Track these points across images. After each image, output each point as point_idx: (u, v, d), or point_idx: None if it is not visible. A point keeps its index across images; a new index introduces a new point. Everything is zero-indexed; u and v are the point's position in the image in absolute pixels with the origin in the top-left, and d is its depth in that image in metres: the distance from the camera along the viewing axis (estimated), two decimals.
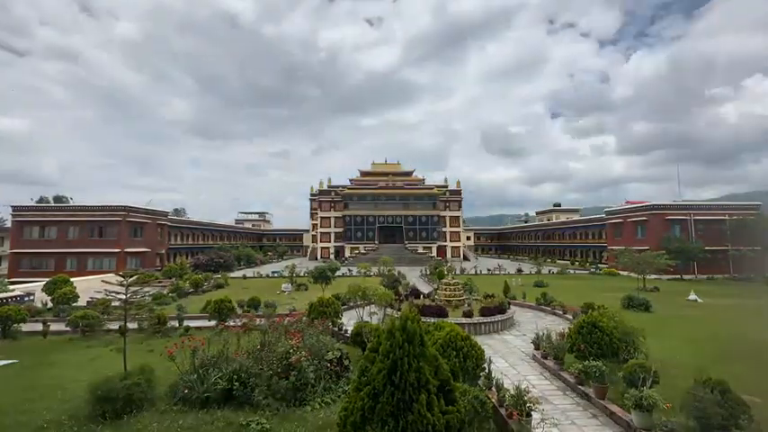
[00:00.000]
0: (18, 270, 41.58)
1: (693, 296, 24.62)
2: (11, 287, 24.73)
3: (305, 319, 13.32)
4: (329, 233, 71.92)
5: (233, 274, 44.33)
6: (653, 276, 32.96)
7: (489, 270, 47.23)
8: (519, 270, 46.19)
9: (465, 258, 70.88)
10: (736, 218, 41.78)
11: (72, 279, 25.53)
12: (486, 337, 15.32)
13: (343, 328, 15.43)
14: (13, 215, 43.74)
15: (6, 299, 21.22)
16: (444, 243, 71.29)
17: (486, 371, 9.34)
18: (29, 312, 19.01)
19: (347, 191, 70.84)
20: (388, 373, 5.41)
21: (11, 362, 12.62)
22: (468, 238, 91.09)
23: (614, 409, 8.12)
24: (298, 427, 7.64)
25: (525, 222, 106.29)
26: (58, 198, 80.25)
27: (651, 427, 7.05)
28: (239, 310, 18.94)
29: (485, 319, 16.24)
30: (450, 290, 19.17)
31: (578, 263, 57.40)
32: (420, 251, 66.03)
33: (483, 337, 15.10)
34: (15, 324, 16.42)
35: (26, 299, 23.49)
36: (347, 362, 10.19)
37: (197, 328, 16.59)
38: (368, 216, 69.12)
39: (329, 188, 74.58)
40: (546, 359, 11.68)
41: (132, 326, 14.21)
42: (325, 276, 27.95)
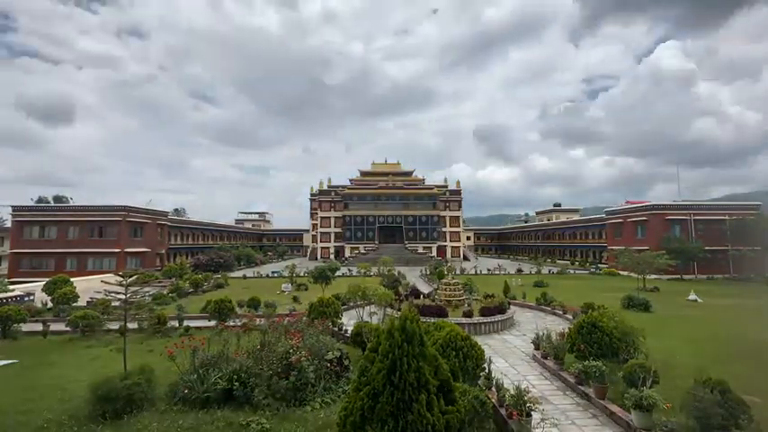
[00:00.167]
0: (18, 270, 41.59)
1: (693, 296, 24.62)
2: (11, 287, 24.73)
3: (305, 319, 13.33)
4: (329, 233, 71.93)
5: (233, 274, 44.36)
6: (653, 276, 32.96)
7: (489, 270, 47.24)
8: (519, 270, 46.20)
9: (465, 258, 70.88)
10: (736, 218, 41.80)
11: (72, 279, 25.54)
12: (486, 337, 15.33)
13: (343, 328, 15.43)
14: (12, 215, 43.75)
15: (6, 299, 21.23)
16: (444, 243, 71.29)
17: (486, 371, 9.34)
18: (29, 312, 19.02)
19: (347, 191, 70.86)
20: (387, 373, 5.42)
21: (11, 362, 12.62)
22: (468, 238, 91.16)
23: (614, 408, 8.12)
24: (298, 427, 7.64)
25: (525, 222, 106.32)
26: (57, 198, 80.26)
27: (651, 427, 7.05)
28: (239, 310, 18.94)
29: (485, 319, 16.24)
30: (450, 290, 19.17)
31: (578, 263, 57.40)
32: (420, 251, 66.03)
33: (483, 337, 15.10)
34: (15, 324, 16.43)
35: (26, 299, 23.49)
36: (347, 362, 10.19)
37: (197, 328, 16.59)
38: (368, 216, 69.14)
39: (329, 188, 74.61)
40: (546, 359, 11.68)
41: (132, 326, 14.19)
42: (325, 276, 27.95)
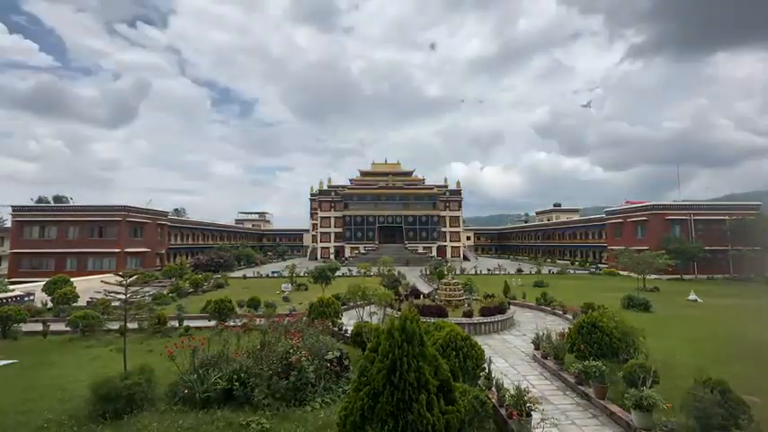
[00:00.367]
0: (18, 270, 41.60)
1: (693, 296, 24.61)
2: (11, 287, 24.74)
3: (305, 319, 13.33)
4: (329, 233, 71.92)
5: (233, 274, 44.37)
6: (653, 276, 32.95)
7: (489, 270, 47.24)
8: (519, 270, 46.20)
9: (465, 258, 70.87)
10: (736, 218, 41.80)
11: (72, 279, 25.55)
12: (486, 337, 15.33)
13: (343, 328, 15.43)
14: (12, 215, 43.76)
15: (6, 299, 21.23)
16: (444, 243, 71.28)
17: (486, 371, 9.34)
18: (29, 312, 19.02)
19: (347, 191, 70.87)
20: (387, 373, 5.42)
21: (11, 362, 12.62)
22: (468, 238, 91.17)
23: (614, 409, 8.12)
24: (298, 427, 7.63)
25: (525, 222, 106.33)
26: (57, 198, 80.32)
27: (651, 427, 7.05)
28: (239, 310, 18.94)
29: (485, 319, 16.24)
30: (450, 290, 19.18)
31: (578, 263, 57.40)
32: (420, 251, 66.03)
33: (483, 337, 15.10)
34: (15, 324, 16.42)
35: (26, 299, 23.50)
36: (347, 362, 10.19)
37: (197, 328, 16.60)
38: (368, 216, 69.15)
39: (329, 188, 74.62)
40: (546, 359, 11.68)
41: (132, 326, 14.19)
42: (325, 276, 27.95)
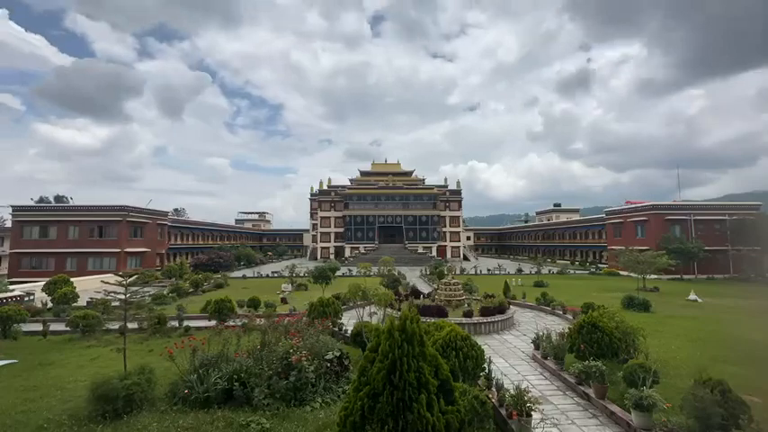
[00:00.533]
0: (18, 270, 41.57)
1: (693, 296, 24.61)
2: (11, 287, 24.75)
3: (305, 319, 13.32)
4: (329, 233, 71.92)
5: (233, 274, 44.36)
6: (653, 276, 32.94)
7: (489, 270, 47.24)
8: (519, 270, 46.19)
9: (465, 258, 70.88)
10: (736, 218, 41.81)
11: (72, 279, 25.55)
12: (486, 337, 15.32)
13: (343, 328, 15.44)
14: (13, 215, 43.72)
15: (6, 299, 21.24)
16: (444, 243, 71.28)
17: (486, 371, 9.34)
18: (29, 312, 19.02)
19: (347, 191, 70.87)
20: (387, 373, 5.41)
21: (11, 362, 12.62)
22: (469, 238, 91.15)
23: (614, 408, 8.12)
24: (298, 427, 7.64)
25: (525, 222, 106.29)
26: (58, 198, 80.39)
27: (651, 427, 7.06)
28: (239, 311, 18.94)
29: (485, 319, 16.24)
30: (450, 290, 19.17)
31: (578, 263, 57.39)
32: (420, 251, 66.02)
33: (483, 337, 15.10)
34: (15, 324, 16.41)
35: (26, 299, 23.50)
36: (347, 362, 10.18)
37: (197, 328, 16.59)
38: (368, 216, 69.15)
39: (329, 188, 74.62)
40: (546, 359, 11.68)
41: (132, 326, 14.16)
42: (325, 276, 27.95)
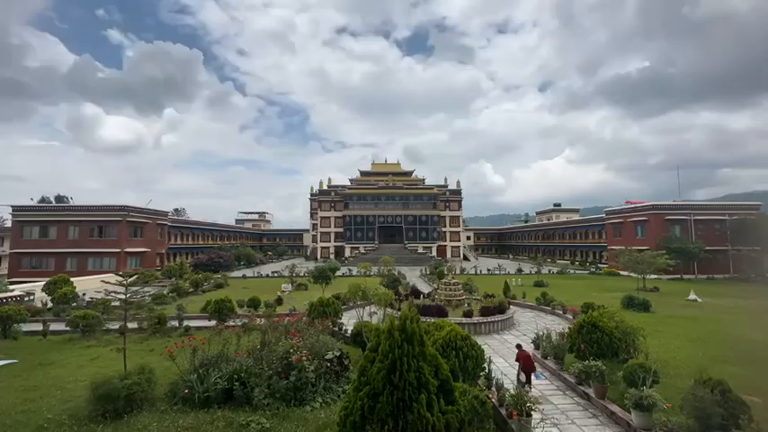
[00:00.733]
0: (18, 270, 41.55)
1: (693, 296, 24.60)
2: (11, 287, 24.74)
3: (305, 318, 13.32)
4: (329, 233, 71.89)
5: (233, 274, 44.36)
6: (653, 276, 32.92)
7: (489, 270, 47.23)
8: (519, 270, 46.17)
9: (465, 258, 70.84)
10: (736, 218, 41.79)
11: (72, 279, 25.54)
12: (486, 336, 15.33)
13: (343, 328, 15.44)
14: (13, 215, 43.72)
15: (6, 299, 21.23)
16: (444, 243, 71.25)
17: (486, 371, 9.34)
18: (29, 312, 19.01)
19: (347, 191, 70.87)
20: (387, 373, 5.41)
21: (11, 362, 12.62)
22: (468, 238, 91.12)
23: (614, 408, 8.12)
24: (298, 426, 7.63)
25: (525, 222, 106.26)
26: (59, 198, 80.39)
27: (651, 427, 7.06)
28: (239, 310, 18.93)
29: (485, 319, 16.24)
30: (450, 290, 19.17)
31: (578, 263, 57.37)
32: (420, 251, 66.00)
33: (483, 336, 15.10)
34: (15, 324, 16.41)
35: (26, 299, 23.49)
36: (347, 361, 10.18)
37: (197, 328, 16.59)
38: (368, 216, 69.14)
39: (329, 188, 74.59)
40: (546, 359, 11.68)
41: (132, 326, 14.16)
42: (325, 276, 27.94)
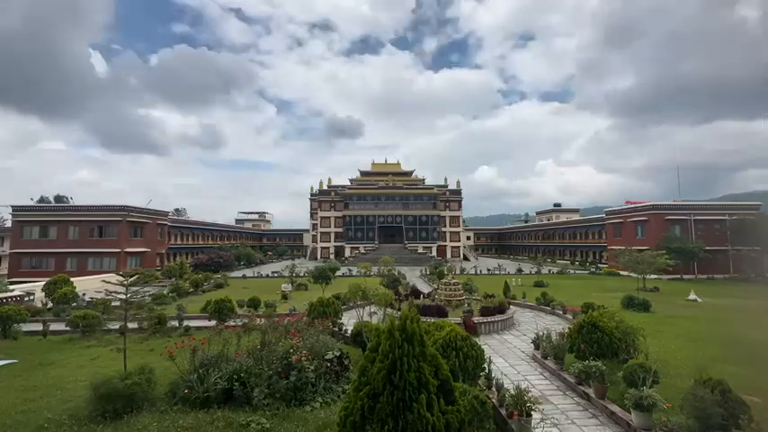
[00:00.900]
0: (18, 270, 41.56)
1: (693, 296, 24.60)
2: (11, 287, 24.74)
3: (305, 319, 13.32)
4: (329, 233, 71.92)
5: (233, 274, 44.37)
6: (653, 276, 32.91)
7: (489, 270, 47.25)
8: (519, 270, 46.18)
9: (465, 258, 70.86)
10: (736, 218, 41.80)
11: (72, 279, 25.54)
12: (487, 336, 15.33)
13: (344, 328, 15.44)
14: (13, 215, 43.74)
15: (6, 299, 21.23)
16: (444, 243, 71.27)
17: (486, 371, 9.35)
18: (29, 312, 19.01)
19: (347, 191, 70.91)
20: (387, 373, 5.41)
21: (11, 362, 12.62)
22: (468, 238, 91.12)
23: (614, 408, 8.12)
24: (298, 427, 7.63)
25: (525, 222, 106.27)
26: (58, 198, 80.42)
27: (651, 427, 7.06)
28: (239, 310, 18.94)
29: (485, 319, 16.24)
30: (450, 290, 19.17)
31: (578, 263, 57.39)
32: (420, 251, 66.02)
33: (483, 337, 15.10)
34: (15, 324, 16.41)
35: (26, 299, 23.49)
36: (347, 362, 10.18)
37: (197, 328, 16.58)
38: (368, 216, 69.17)
39: (329, 188, 74.63)
40: (546, 359, 11.68)
41: (132, 326, 14.18)
42: (325, 276, 27.94)
